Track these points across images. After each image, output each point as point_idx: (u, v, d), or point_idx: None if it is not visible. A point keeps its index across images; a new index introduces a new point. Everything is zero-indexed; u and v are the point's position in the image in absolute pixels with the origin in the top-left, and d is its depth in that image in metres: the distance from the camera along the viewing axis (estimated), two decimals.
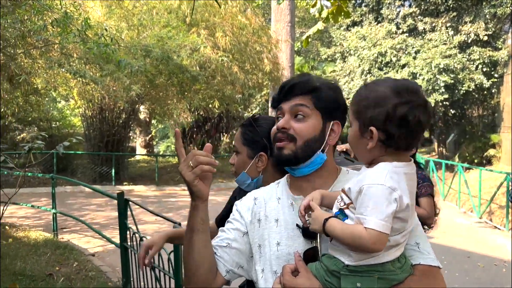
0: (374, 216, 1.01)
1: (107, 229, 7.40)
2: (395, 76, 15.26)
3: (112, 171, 13.91)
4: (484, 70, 16.36)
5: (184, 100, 13.27)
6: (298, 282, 1.11)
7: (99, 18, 10.33)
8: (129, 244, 4.53)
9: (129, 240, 4.50)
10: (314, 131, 1.27)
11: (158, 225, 7.94)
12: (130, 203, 4.67)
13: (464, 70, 16.13)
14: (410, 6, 18.25)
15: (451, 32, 16.93)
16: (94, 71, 9.56)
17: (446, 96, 15.90)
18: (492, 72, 16.58)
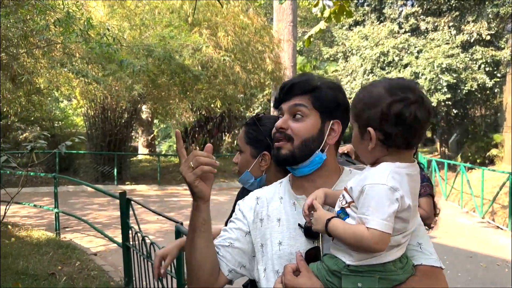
0: (376, 216, 1.00)
1: (109, 228, 7.41)
2: (397, 76, 15.24)
3: (114, 170, 13.94)
4: (487, 69, 16.33)
5: (186, 99, 13.28)
6: (299, 282, 1.11)
7: (102, 17, 10.34)
8: (131, 243, 4.54)
9: (131, 239, 4.51)
10: (312, 131, 1.27)
11: (160, 224, 7.94)
12: (132, 202, 4.68)
13: (467, 70, 16.10)
14: (413, 5, 18.23)
15: (454, 31, 16.90)
16: (97, 71, 9.58)
17: (448, 95, 15.87)
18: (495, 72, 16.54)
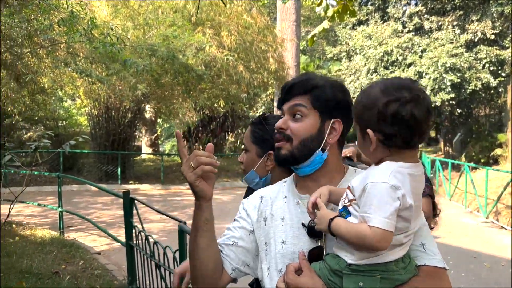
0: (378, 214, 1.00)
1: (113, 227, 7.43)
2: (401, 75, 15.20)
3: (118, 170, 13.97)
4: (491, 69, 16.25)
5: (190, 99, 13.30)
6: (301, 281, 1.12)
7: (105, 17, 10.37)
8: (134, 242, 4.55)
9: (134, 238, 4.52)
10: (311, 131, 1.27)
11: (163, 223, 7.96)
12: (136, 201, 4.68)
13: (471, 69, 16.03)
14: (417, 4, 18.17)
15: (458, 31, 16.83)
16: (100, 71, 9.60)
17: (452, 95, 15.81)
18: (499, 71, 16.46)
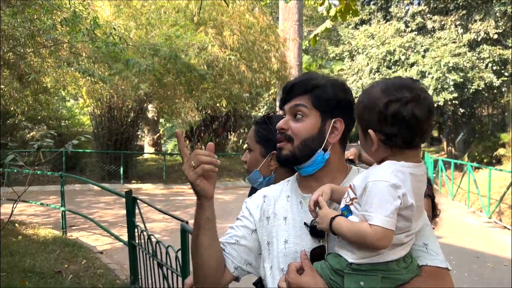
0: (379, 212, 1.00)
1: (115, 227, 7.44)
2: (404, 75, 15.18)
3: (121, 169, 13.99)
4: (494, 68, 16.21)
5: (192, 99, 13.30)
6: (303, 280, 1.12)
7: (108, 17, 10.38)
8: (137, 242, 4.55)
9: (137, 238, 4.52)
10: (311, 131, 1.27)
11: (165, 223, 7.97)
12: (138, 201, 4.69)
13: (474, 69, 15.99)
14: (419, 4, 18.14)
15: (461, 30, 16.79)
16: (103, 70, 9.61)
17: (455, 95, 15.78)
18: (502, 71, 16.42)
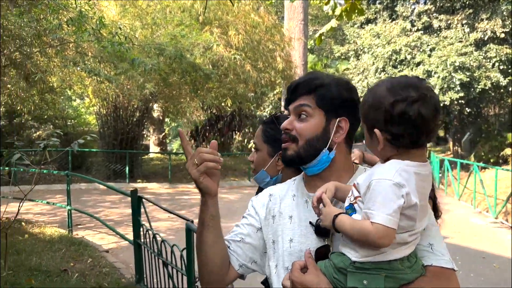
0: (382, 211, 1.00)
1: (121, 226, 7.47)
2: (409, 74, 15.09)
3: (126, 168, 14.04)
4: (501, 68, 16.09)
5: (197, 98, 13.33)
6: (306, 279, 1.12)
7: (114, 17, 10.42)
8: (142, 241, 4.57)
9: (142, 237, 4.54)
10: (316, 130, 1.26)
11: (171, 222, 7.99)
12: (144, 200, 4.71)
13: (480, 68, 15.89)
14: (425, 3, 18.04)
15: (467, 29, 16.68)
16: (109, 70, 9.66)
17: (461, 94, 15.68)
18: (509, 70, 16.30)
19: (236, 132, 20.96)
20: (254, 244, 1.35)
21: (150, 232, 4.17)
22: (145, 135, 20.15)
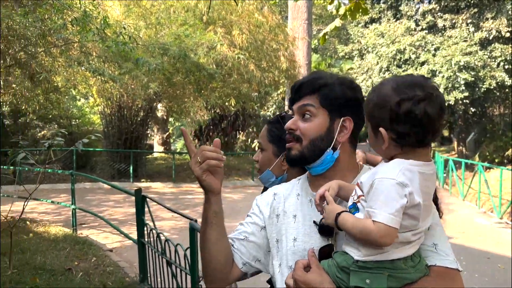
0: (384, 210, 1.00)
1: (125, 225, 7.49)
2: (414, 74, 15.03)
3: (130, 168, 14.08)
4: (506, 67, 16.00)
5: (201, 98, 13.34)
6: (309, 277, 1.12)
7: (118, 16, 10.46)
8: (146, 240, 4.58)
9: (146, 236, 4.56)
10: (320, 130, 1.26)
11: (174, 221, 8.00)
12: (148, 199, 4.72)
13: (485, 68, 15.81)
14: (430, 2, 17.97)
15: (472, 28, 16.60)
16: (113, 69, 9.68)
17: (466, 94, 15.61)
18: None
19: (240, 131, 20.97)
20: (258, 242, 1.35)
21: (154, 231, 4.18)
22: (149, 135, 20.19)
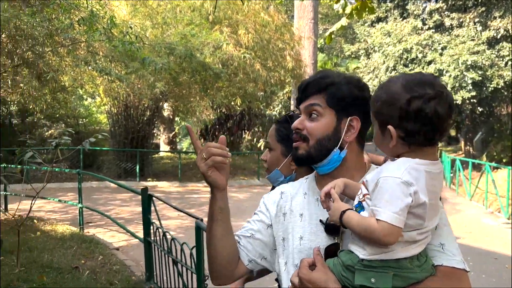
0: (388, 208, 0.99)
1: (131, 224, 7.52)
2: None
3: (137, 167, 14.13)
4: None
5: (207, 97, 13.36)
6: (314, 276, 1.11)
7: (124, 16, 10.50)
8: (152, 238, 4.60)
9: (152, 235, 4.57)
10: (326, 130, 1.26)
11: (180, 220, 8.02)
12: (154, 198, 4.74)
13: (493, 67, 15.69)
14: (437, 1, 17.87)
15: (480, 27, 16.48)
16: (119, 69, 9.72)
17: (473, 93, 15.50)
18: None
19: (246, 131, 20.98)
20: (264, 240, 1.35)
21: (160, 230, 4.19)
22: (155, 134, 20.27)
